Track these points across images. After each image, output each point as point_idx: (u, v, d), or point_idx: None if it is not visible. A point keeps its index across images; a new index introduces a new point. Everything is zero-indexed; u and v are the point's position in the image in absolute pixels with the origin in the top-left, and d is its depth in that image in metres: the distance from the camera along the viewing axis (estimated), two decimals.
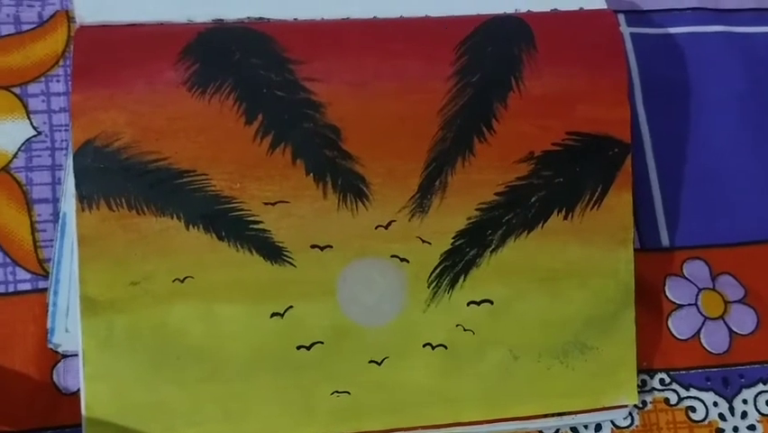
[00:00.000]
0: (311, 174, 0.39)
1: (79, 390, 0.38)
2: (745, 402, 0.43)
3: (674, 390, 0.43)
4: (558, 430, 0.42)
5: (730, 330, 0.44)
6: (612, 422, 0.42)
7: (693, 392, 0.43)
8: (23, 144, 0.43)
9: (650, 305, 0.44)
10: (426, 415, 0.40)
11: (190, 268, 0.38)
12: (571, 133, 0.40)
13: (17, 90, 0.43)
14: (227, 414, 0.39)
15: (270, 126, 0.38)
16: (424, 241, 0.39)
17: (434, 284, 0.39)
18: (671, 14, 0.49)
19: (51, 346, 0.40)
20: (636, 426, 0.43)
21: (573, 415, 0.41)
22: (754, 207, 0.46)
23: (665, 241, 0.45)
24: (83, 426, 0.38)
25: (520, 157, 0.40)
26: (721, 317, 0.44)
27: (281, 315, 0.39)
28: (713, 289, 0.45)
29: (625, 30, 0.48)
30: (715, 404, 0.43)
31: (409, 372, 0.40)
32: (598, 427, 0.42)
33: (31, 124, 0.43)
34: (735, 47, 0.49)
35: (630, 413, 0.42)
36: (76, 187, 0.38)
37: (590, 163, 0.40)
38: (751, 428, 0.43)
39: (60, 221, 0.41)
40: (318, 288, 0.39)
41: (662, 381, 0.43)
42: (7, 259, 0.41)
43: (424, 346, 0.40)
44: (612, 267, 0.41)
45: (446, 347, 0.40)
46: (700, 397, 0.43)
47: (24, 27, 0.44)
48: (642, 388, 0.43)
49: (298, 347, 0.39)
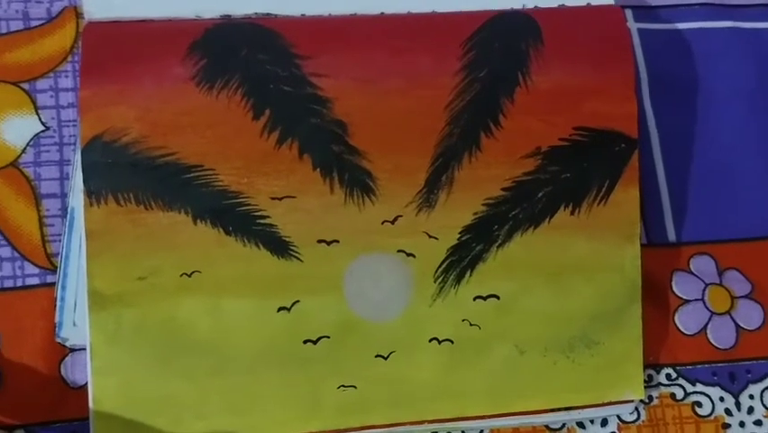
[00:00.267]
0: (318, 169, 0.39)
1: (87, 383, 0.38)
2: (752, 397, 0.43)
3: (681, 385, 0.43)
4: (564, 425, 0.42)
5: (737, 325, 0.44)
6: (618, 417, 0.42)
7: (700, 387, 0.43)
8: (32, 140, 0.43)
9: (656, 300, 0.44)
10: (432, 409, 0.40)
11: (197, 262, 0.38)
12: (578, 128, 0.40)
13: (26, 86, 0.43)
14: (234, 408, 0.39)
15: (278, 121, 0.39)
16: (430, 236, 0.39)
17: (441, 279, 0.40)
18: (678, 10, 0.49)
19: (59, 340, 0.40)
20: (643, 421, 0.43)
21: (579, 410, 0.41)
22: (761, 203, 0.46)
23: (672, 236, 0.45)
24: (91, 419, 0.38)
25: (527, 152, 0.40)
26: (728, 312, 0.44)
27: (288, 309, 0.39)
28: (720, 284, 0.45)
29: (632, 25, 0.48)
30: (721, 399, 0.43)
31: (415, 366, 0.40)
32: (604, 421, 0.42)
33: (39, 120, 0.43)
34: (743, 42, 0.48)
35: (636, 408, 0.42)
36: (84, 182, 0.38)
37: (597, 158, 0.40)
38: (757, 424, 0.43)
39: (68, 216, 0.41)
40: (325, 282, 0.39)
41: (668, 376, 0.43)
42: (16, 253, 0.42)
43: (430, 341, 0.40)
44: (619, 262, 0.41)
45: (452, 342, 0.40)
46: (707, 392, 0.43)
47: (33, 23, 0.44)
48: (648, 383, 0.43)
49: (305, 341, 0.39)
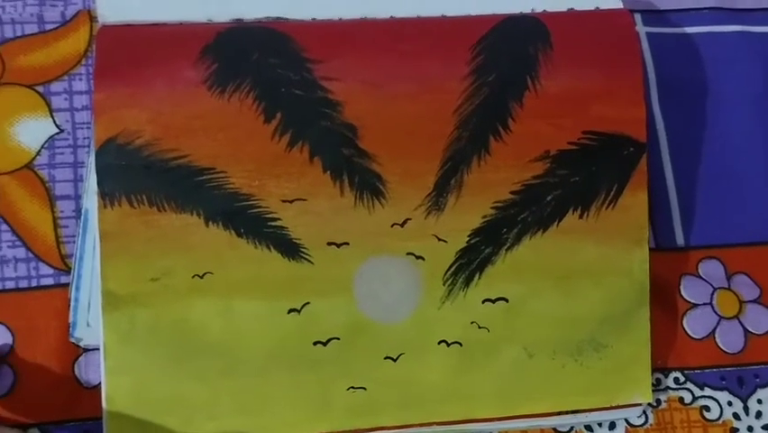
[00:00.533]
0: (328, 172, 0.39)
1: (100, 383, 0.39)
2: (760, 402, 0.43)
3: (689, 389, 0.43)
4: (572, 428, 0.42)
5: (745, 330, 0.44)
6: (626, 420, 0.43)
7: (708, 392, 0.43)
8: (46, 142, 0.43)
9: (665, 304, 0.44)
10: (441, 411, 0.40)
11: (209, 264, 0.38)
12: (587, 132, 0.40)
13: (40, 89, 0.43)
14: (245, 408, 0.39)
15: (288, 125, 0.39)
16: (439, 239, 0.40)
17: (450, 282, 0.40)
18: (687, 14, 0.49)
19: (73, 340, 0.40)
20: (651, 424, 0.43)
21: (588, 413, 0.41)
22: None
23: (680, 240, 0.45)
24: (104, 419, 0.38)
25: (536, 156, 0.40)
26: (736, 316, 0.44)
27: (298, 311, 0.39)
28: (728, 288, 0.45)
29: (641, 29, 0.48)
30: (729, 404, 0.43)
31: (424, 368, 0.40)
32: (612, 425, 0.43)
33: (53, 122, 0.43)
34: (752, 47, 0.48)
35: (644, 412, 0.43)
36: (98, 184, 0.38)
37: (606, 162, 0.40)
38: (765, 428, 0.43)
39: (82, 217, 0.41)
40: (335, 285, 0.39)
41: (676, 379, 0.43)
42: (30, 254, 0.42)
43: (439, 343, 0.40)
44: (627, 266, 0.41)
45: (461, 344, 0.40)
46: (715, 396, 0.43)
47: (48, 26, 0.44)
48: (656, 387, 0.43)
49: (315, 343, 0.39)
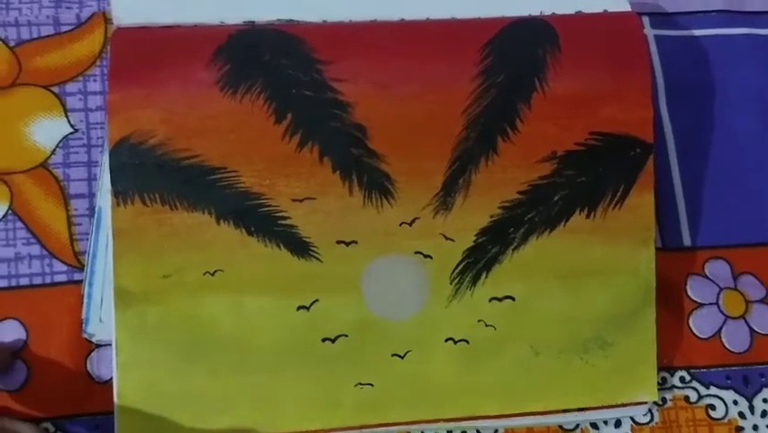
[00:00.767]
0: (338, 172, 0.39)
1: (112, 378, 0.39)
2: (765, 401, 0.43)
3: (694, 387, 0.43)
4: (578, 426, 0.43)
5: (751, 329, 0.44)
6: (632, 418, 0.43)
7: (713, 390, 0.43)
8: (61, 141, 0.44)
9: (671, 304, 0.44)
10: (448, 408, 0.41)
11: (220, 262, 0.39)
12: (594, 133, 0.41)
13: (56, 89, 0.44)
14: (255, 404, 0.40)
15: (299, 125, 0.39)
16: (447, 238, 0.40)
17: (457, 280, 0.40)
18: (695, 17, 0.49)
19: (86, 336, 0.41)
20: (656, 423, 0.43)
21: (593, 411, 0.42)
22: None
23: (687, 240, 0.45)
24: (115, 413, 0.39)
25: (543, 156, 0.40)
26: (742, 316, 0.44)
27: (307, 308, 0.39)
28: (735, 288, 0.45)
29: (649, 32, 0.48)
30: (735, 402, 0.43)
31: (431, 365, 0.40)
32: (617, 423, 0.43)
33: (68, 122, 0.44)
34: (759, 49, 0.48)
35: (650, 410, 0.43)
36: (111, 182, 0.39)
37: (613, 163, 0.41)
38: None
39: (96, 215, 0.42)
40: (343, 282, 0.40)
41: (682, 378, 0.44)
42: (44, 251, 0.42)
43: (446, 341, 0.40)
44: (634, 266, 0.41)
45: (468, 342, 0.40)
46: (720, 395, 0.43)
47: (63, 28, 0.45)
48: (662, 385, 0.43)
49: (324, 340, 0.40)
